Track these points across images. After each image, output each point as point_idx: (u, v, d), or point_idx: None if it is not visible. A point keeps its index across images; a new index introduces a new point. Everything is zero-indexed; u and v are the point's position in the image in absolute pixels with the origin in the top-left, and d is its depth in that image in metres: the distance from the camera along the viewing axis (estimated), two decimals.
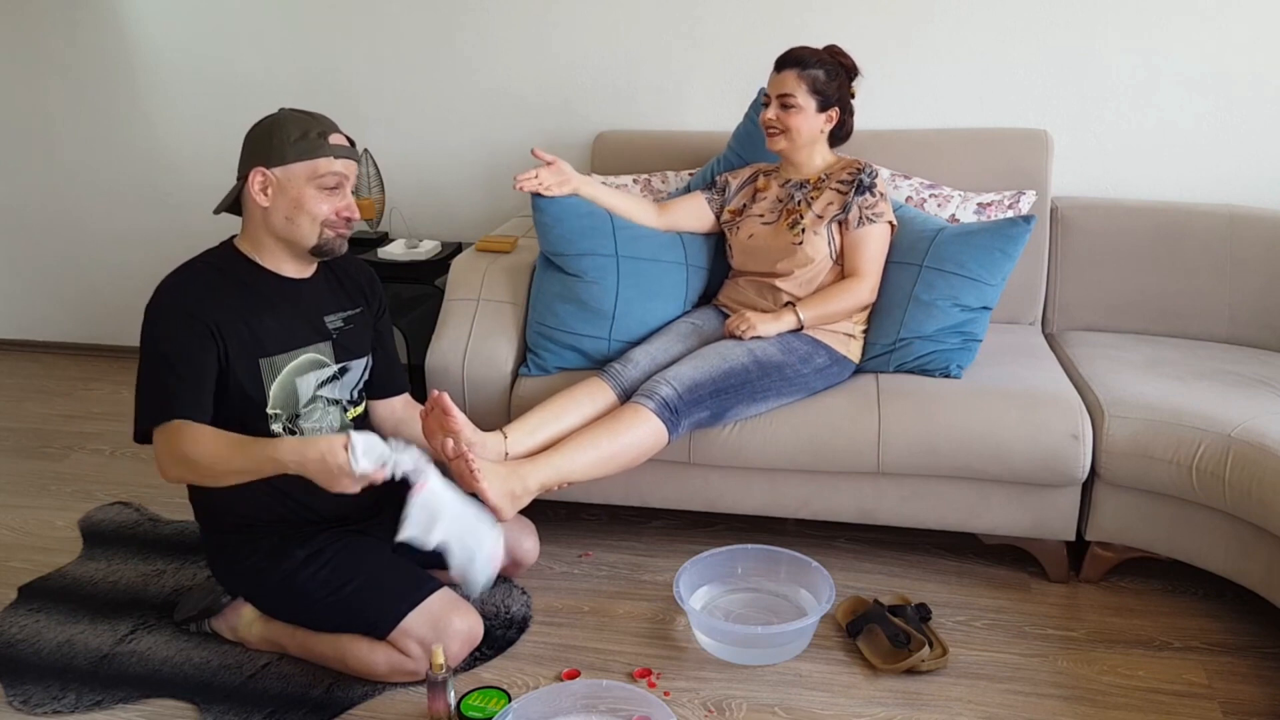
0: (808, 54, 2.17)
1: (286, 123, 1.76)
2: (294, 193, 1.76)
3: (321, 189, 1.77)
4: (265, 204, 1.76)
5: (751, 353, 2.09)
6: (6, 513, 2.56)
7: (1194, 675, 1.88)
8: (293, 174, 1.75)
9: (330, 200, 1.78)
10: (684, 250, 2.35)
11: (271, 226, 1.79)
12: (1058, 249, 2.57)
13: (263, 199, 1.76)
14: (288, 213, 1.77)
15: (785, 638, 1.92)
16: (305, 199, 1.76)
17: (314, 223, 1.78)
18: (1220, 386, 2.12)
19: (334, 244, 1.83)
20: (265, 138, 1.76)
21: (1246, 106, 2.63)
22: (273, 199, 1.76)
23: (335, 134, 1.79)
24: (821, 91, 2.17)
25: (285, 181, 1.75)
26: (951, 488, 2.13)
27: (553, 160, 2.19)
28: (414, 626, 1.78)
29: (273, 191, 1.76)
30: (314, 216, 1.77)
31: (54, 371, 3.55)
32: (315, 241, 1.80)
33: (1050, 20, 2.67)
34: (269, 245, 1.82)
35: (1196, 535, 2.01)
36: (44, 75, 3.38)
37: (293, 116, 1.78)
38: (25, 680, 1.89)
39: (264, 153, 1.75)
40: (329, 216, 1.78)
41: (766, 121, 2.22)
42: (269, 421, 1.81)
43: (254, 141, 1.77)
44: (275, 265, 1.84)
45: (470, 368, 2.27)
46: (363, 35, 3.10)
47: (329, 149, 1.76)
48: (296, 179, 1.75)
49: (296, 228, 1.78)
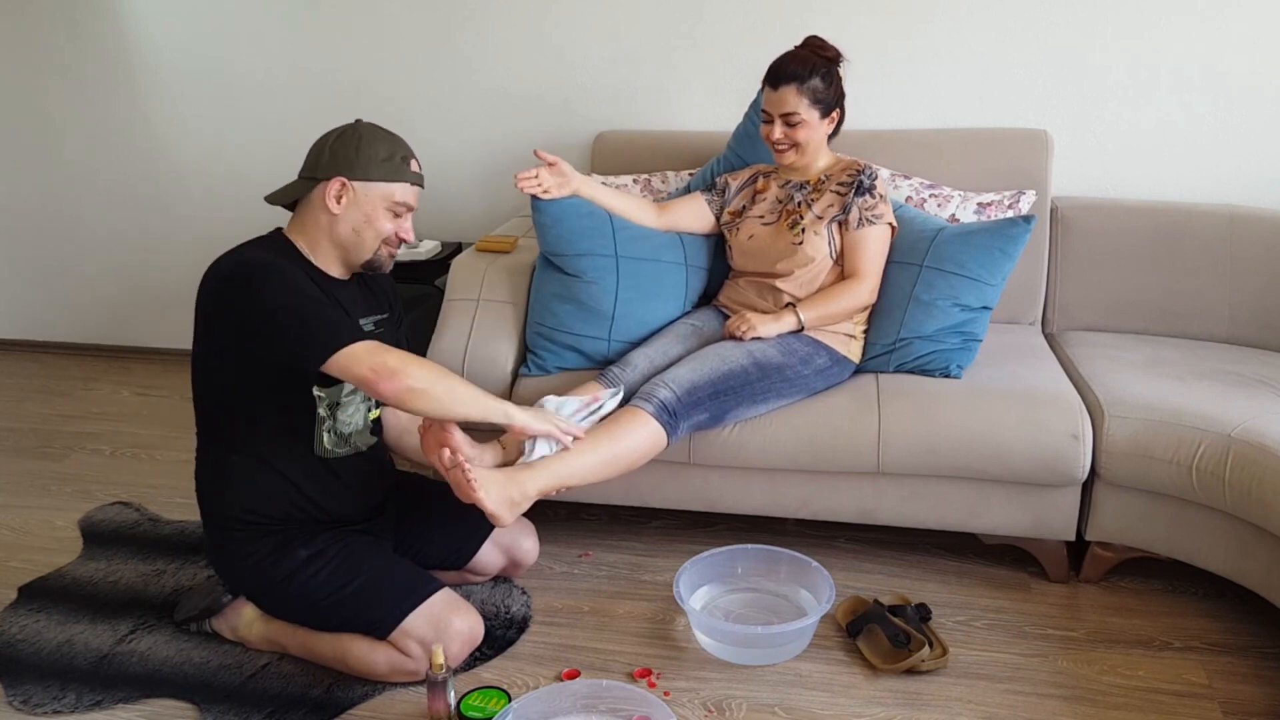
0: (800, 65, 2.12)
1: (374, 139, 1.78)
2: (368, 209, 1.79)
3: (391, 211, 1.81)
4: (336, 211, 1.78)
5: (751, 354, 2.09)
6: (6, 513, 2.56)
7: (1194, 675, 1.88)
8: (372, 191, 1.78)
9: (396, 222, 1.82)
10: (684, 250, 2.35)
11: (335, 233, 1.81)
12: (1058, 249, 2.57)
13: (335, 206, 1.78)
14: (356, 225, 1.80)
15: (785, 638, 1.92)
16: (376, 217, 1.79)
17: (376, 239, 1.82)
18: (1220, 386, 2.12)
19: (385, 262, 1.88)
20: (351, 149, 1.77)
21: (1246, 106, 2.63)
22: (345, 209, 1.78)
23: (414, 160, 1.83)
24: (822, 100, 2.16)
25: (363, 196, 1.78)
26: (951, 488, 2.13)
27: (554, 161, 2.19)
28: (414, 627, 1.78)
29: (346, 202, 1.78)
30: (378, 234, 1.81)
31: (54, 371, 3.55)
32: (370, 256, 1.84)
33: (1050, 20, 2.67)
34: (324, 247, 1.83)
35: (1196, 535, 2.01)
36: (44, 75, 3.38)
37: (378, 134, 1.80)
38: (25, 680, 1.89)
39: (348, 163, 1.77)
40: (390, 235, 1.83)
41: (774, 141, 2.19)
42: (316, 402, 1.83)
43: (337, 149, 1.78)
44: (325, 265, 1.85)
45: (470, 368, 2.27)
46: (363, 35, 3.10)
47: (410, 175, 1.81)
48: (374, 197, 1.78)
49: (360, 240, 1.81)
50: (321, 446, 1.85)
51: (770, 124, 2.18)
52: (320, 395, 1.83)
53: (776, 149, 2.21)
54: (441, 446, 1.82)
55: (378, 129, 1.81)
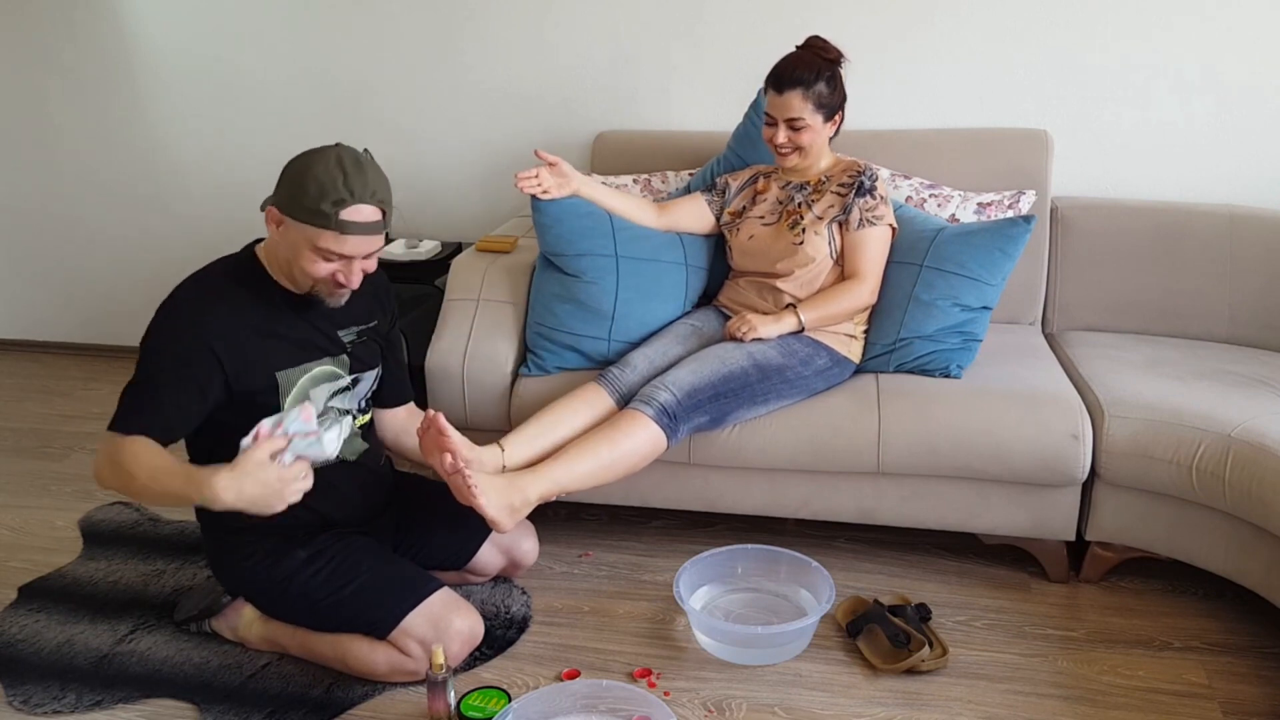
0: (805, 69, 2.12)
1: (317, 175, 1.65)
2: (294, 247, 1.71)
3: (318, 255, 1.70)
4: (275, 236, 1.75)
5: (751, 356, 2.09)
6: (6, 513, 2.56)
7: (1194, 675, 1.88)
8: (300, 231, 1.68)
9: (328, 266, 1.72)
10: (683, 250, 2.35)
11: (278, 257, 1.78)
12: (1058, 249, 2.57)
13: (274, 231, 1.74)
14: (288, 255, 1.74)
15: (785, 638, 1.92)
16: (301, 258, 1.71)
17: (306, 277, 1.74)
18: (1220, 386, 2.12)
19: (325, 298, 1.80)
20: (292, 181, 1.67)
21: (1246, 106, 2.63)
22: (281, 237, 1.73)
23: (355, 206, 1.66)
24: (827, 104, 2.16)
25: (294, 231, 1.69)
26: (951, 488, 2.13)
27: (555, 161, 2.19)
28: (414, 626, 1.78)
29: (283, 231, 1.72)
30: (306, 274, 1.73)
31: (54, 371, 3.55)
32: (307, 290, 1.79)
33: (1050, 20, 2.67)
34: (281, 266, 1.79)
35: (1196, 535, 2.01)
36: (44, 75, 3.38)
37: (327, 170, 1.65)
38: (25, 680, 1.89)
39: (283, 195, 1.69)
40: (321, 277, 1.73)
41: (778, 145, 2.19)
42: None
43: (284, 176, 1.70)
44: (287, 283, 1.81)
45: (470, 368, 2.27)
46: (363, 35, 3.10)
47: (335, 224, 1.65)
48: (301, 236, 1.69)
49: (293, 270, 1.76)
50: None
51: (774, 127, 2.18)
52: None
53: (779, 152, 2.21)
54: (441, 450, 1.82)
55: (332, 162, 1.66)
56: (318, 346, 1.85)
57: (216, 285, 1.77)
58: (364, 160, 1.70)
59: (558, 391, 2.20)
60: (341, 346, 1.88)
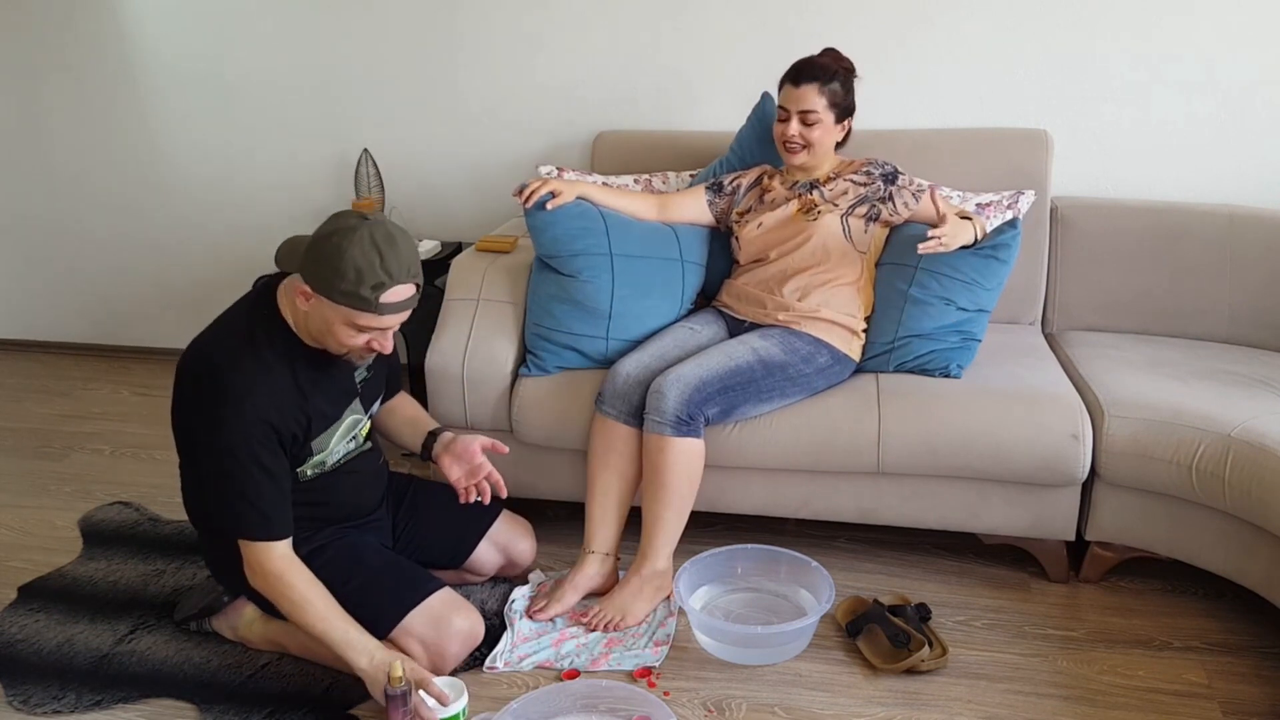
0: (823, 68, 2.18)
1: (348, 258, 1.60)
2: (329, 321, 1.68)
3: (354, 328, 1.68)
4: (304, 308, 1.70)
5: (755, 352, 2.09)
6: (6, 513, 2.56)
7: (1194, 675, 1.88)
8: (334, 310, 1.65)
9: (363, 336, 1.70)
10: (679, 246, 2.34)
11: (306, 326, 1.74)
12: (1058, 249, 2.57)
13: (303, 304, 1.69)
14: (318, 330, 1.71)
15: (785, 638, 1.92)
16: (337, 332, 1.68)
17: (340, 347, 1.72)
18: (1220, 386, 2.12)
19: (357, 362, 1.81)
20: (325, 263, 1.62)
21: (1246, 106, 2.63)
22: (311, 311, 1.70)
23: (395, 288, 1.64)
24: (839, 104, 2.20)
25: (326, 309, 1.66)
26: (951, 488, 2.13)
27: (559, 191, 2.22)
28: (415, 625, 1.78)
29: (313, 305, 1.68)
30: (340, 345, 1.71)
31: (54, 371, 3.54)
32: (338, 356, 1.77)
33: (1050, 20, 2.67)
34: (303, 329, 1.76)
35: (1196, 535, 2.01)
36: (42, 75, 3.38)
37: (361, 251, 1.61)
38: (25, 680, 1.89)
39: (315, 276, 1.63)
40: (355, 348, 1.72)
41: (788, 138, 2.20)
42: (298, 475, 1.82)
43: (315, 255, 1.63)
44: (311, 343, 1.77)
45: (470, 368, 2.27)
46: (363, 36, 3.10)
47: (375, 307, 1.63)
48: (335, 314, 1.66)
49: (324, 342, 1.73)
50: (305, 476, 1.84)
51: (786, 121, 2.20)
52: (302, 470, 1.82)
53: (788, 148, 2.22)
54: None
55: (368, 244, 1.61)
56: (340, 400, 1.84)
57: (258, 358, 1.72)
58: (395, 233, 1.65)
59: (558, 391, 2.20)
60: (355, 389, 1.88)
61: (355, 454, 1.92)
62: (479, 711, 1.79)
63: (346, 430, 1.87)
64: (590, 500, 2.13)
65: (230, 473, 1.69)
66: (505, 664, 1.90)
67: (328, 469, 1.87)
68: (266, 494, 1.71)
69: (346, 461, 1.90)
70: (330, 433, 1.83)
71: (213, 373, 1.71)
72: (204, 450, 1.73)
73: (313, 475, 1.84)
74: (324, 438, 1.82)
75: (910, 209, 2.24)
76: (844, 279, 2.21)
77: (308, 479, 1.84)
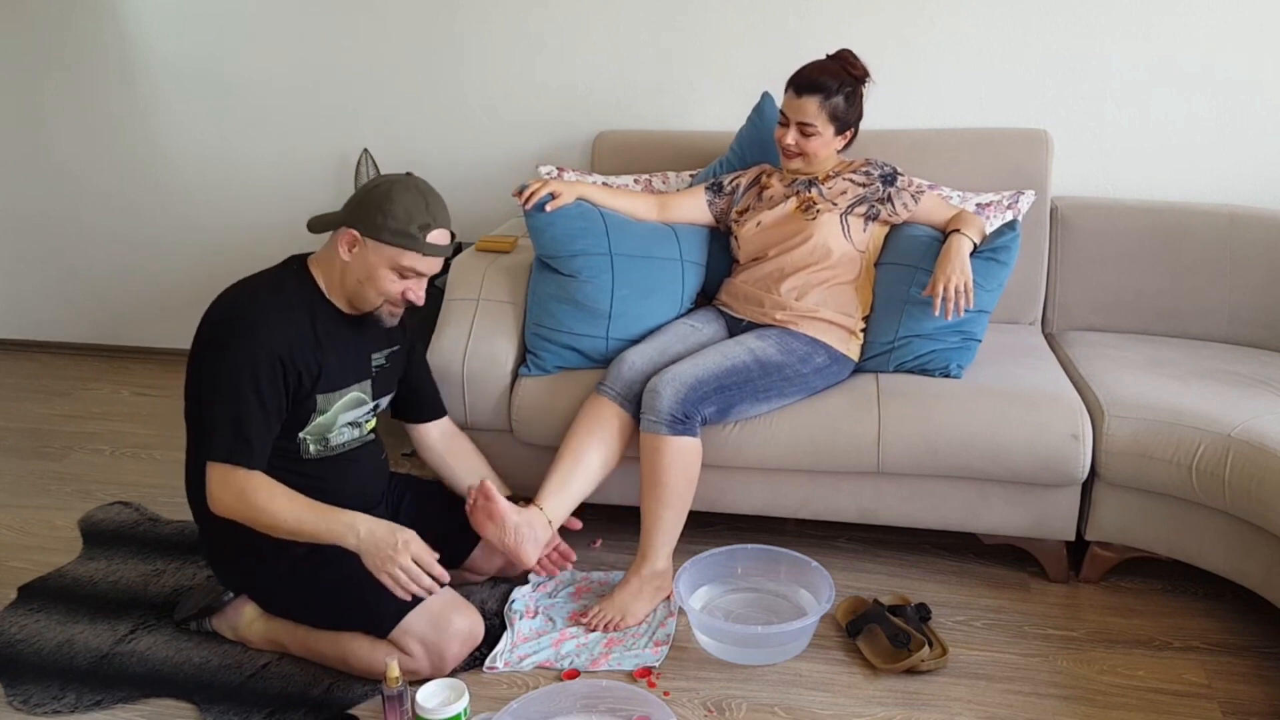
0: (829, 78, 2.15)
1: (400, 200, 1.77)
2: (373, 266, 1.80)
3: (396, 273, 1.81)
4: (346, 259, 1.82)
5: (752, 352, 2.09)
6: (6, 513, 2.56)
7: (1194, 675, 1.88)
8: (380, 252, 1.79)
9: (402, 283, 1.83)
10: (679, 246, 2.34)
11: (344, 278, 1.84)
12: (1057, 249, 2.57)
13: (345, 255, 1.81)
14: (360, 277, 1.82)
15: (785, 638, 1.92)
16: (379, 276, 1.81)
17: (378, 296, 1.83)
18: (1220, 386, 2.12)
19: (385, 318, 1.89)
20: (373, 207, 1.78)
21: (1246, 106, 2.63)
22: (354, 259, 1.81)
23: (437, 230, 1.81)
24: (841, 119, 2.18)
25: (371, 253, 1.80)
26: (951, 488, 2.13)
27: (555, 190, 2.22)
28: (415, 625, 1.78)
29: (356, 253, 1.81)
30: (380, 292, 1.83)
31: (54, 371, 3.54)
32: (372, 310, 1.86)
33: (1050, 20, 2.67)
34: (337, 286, 1.86)
35: (1196, 535, 2.01)
36: (42, 74, 3.38)
37: (408, 196, 1.78)
38: (25, 680, 1.89)
39: (364, 220, 1.78)
40: (394, 295, 1.83)
41: (785, 146, 2.21)
42: (299, 443, 1.85)
43: (363, 203, 1.80)
44: (337, 301, 1.88)
45: (470, 367, 2.27)
46: (363, 35, 3.10)
47: (422, 245, 1.79)
48: (381, 257, 1.79)
49: (362, 292, 1.84)
50: (308, 452, 1.87)
51: (785, 128, 2.20)
52: (304, 436, 1.86)
53: (785, 154, 2.22)
54: (491, 520, 1.92)
55: (414, 190, 1.80)
56: (353, 371, 1.90)
57: (288, 308, 1.81)
58: (433, 189, 1.84)
59: (558, 391, 2.20)
60: (369, 372, 1.93)
61: (359, 443, 1.94)
62: (479, 711, 1.78)
63: (350, 404, 1.89)
64: (556, 463, 2.06)
65: (228, 392, 1.74)
66: (505, 664, 1.90)
67: (330, 449, 1.88)
68: (256, 422, 1.75)
69: (350, 450, 1.92)
70: (335, 396, 1.86)
71: (232, 313, 1.79)
72: (209, 372, 1.77)
73: (316, 454, 1.86)
74: (329, 397, 1.85)
75: (910, 210, 2.24)
76: (842, 278, 2.21)
77: (310, 457, 1.86)
